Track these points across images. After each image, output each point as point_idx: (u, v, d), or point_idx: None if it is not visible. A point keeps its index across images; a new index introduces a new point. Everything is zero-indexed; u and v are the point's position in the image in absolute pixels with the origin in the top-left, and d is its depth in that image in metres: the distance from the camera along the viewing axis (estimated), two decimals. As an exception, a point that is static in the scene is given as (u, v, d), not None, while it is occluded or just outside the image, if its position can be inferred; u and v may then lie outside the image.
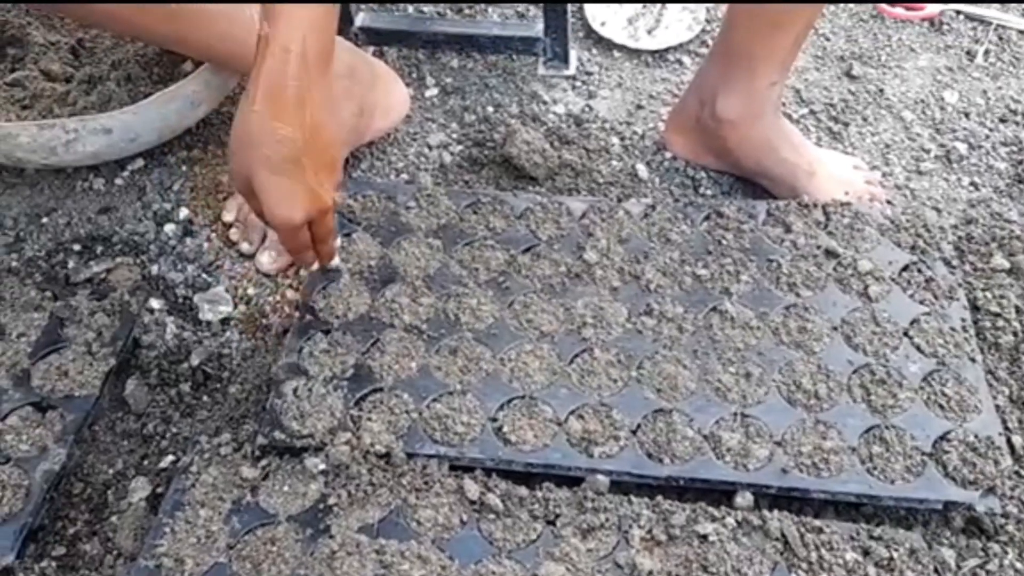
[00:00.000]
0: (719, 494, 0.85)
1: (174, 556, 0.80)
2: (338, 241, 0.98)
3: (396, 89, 1.21)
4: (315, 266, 0.96)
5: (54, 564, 0.86)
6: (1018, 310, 0.98)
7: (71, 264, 1.09)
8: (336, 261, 0.99)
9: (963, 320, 0.94)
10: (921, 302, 0.96)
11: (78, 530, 0.89)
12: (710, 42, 1.33)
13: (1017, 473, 0.88)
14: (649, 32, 1.34)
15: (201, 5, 1.01)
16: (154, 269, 1.08)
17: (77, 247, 1.11)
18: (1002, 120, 1.22)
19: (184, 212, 1.14)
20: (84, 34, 1.27)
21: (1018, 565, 0.82)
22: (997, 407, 0.92)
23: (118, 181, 1.18)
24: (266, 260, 1.08)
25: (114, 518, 0.89)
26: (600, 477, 0.84)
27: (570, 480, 0.85)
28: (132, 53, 1.19)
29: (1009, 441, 0.90)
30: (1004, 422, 0.91)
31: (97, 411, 0.94)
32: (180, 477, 0.86)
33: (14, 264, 1.09)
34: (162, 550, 0.81)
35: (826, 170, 1.11)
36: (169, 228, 1.12)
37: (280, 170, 0.81)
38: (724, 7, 1.13)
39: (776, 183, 1.11)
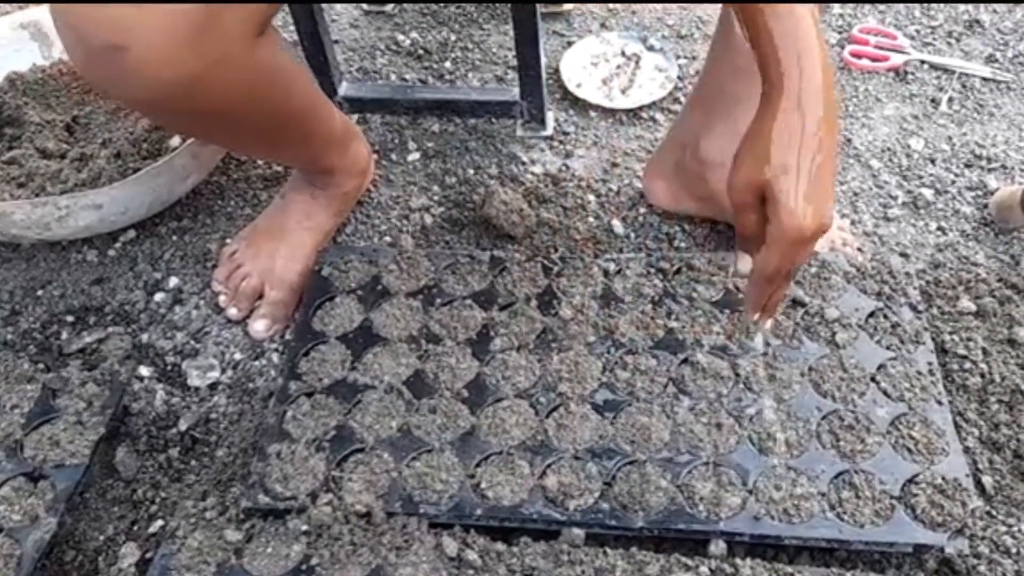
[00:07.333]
0: (694, 543, 0.87)
1: (160, 621, 0.82)
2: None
3: (369, 156, 1.26)
4: (761, 325, 0.91)
5: (45, 632, 0.88)
6: (985, 352, 1.01)
7: (64, 335, 1.12)
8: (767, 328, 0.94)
9: (929, 364, 0.96)
10: (888, 347, 0.98)
11: (69, 598, 0.91)
12: (683, 99, 1.37)
13: (988, 514, 0.90)
14: (623, 92, 1.39)
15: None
16: (144, 337, 1.12)
17: (70, 318, 1.15)
18: (967, 165, 1.25)
19: (174, 281, 1.17)
20: (79, 111, 1.32)
21: (990, 606, 0.83)
22: (967, 448, 0.93)
23: (111, 252, 1.22)
24: (261, 327, 1.11)
25: (104, 584, 0.91)
26: (576, 530, 0.86)
27: (547, 534, 0.87)
28: (122, 131, 1.24)
29: (979, 482, 0.92)
30: (975, 463, 0.93)
31: (88, 479, 0.97)
32: (167, 542, 0.88)
33: (9, 337, 1.13)
34: (149, 615, 0.83)
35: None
36: (159, 297, 1.16)
37: (810, 176, 0.76)
38: (705, 55, 1.17)
39: None
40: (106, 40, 0.73)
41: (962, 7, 1.49)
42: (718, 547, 0.85)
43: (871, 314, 1.01)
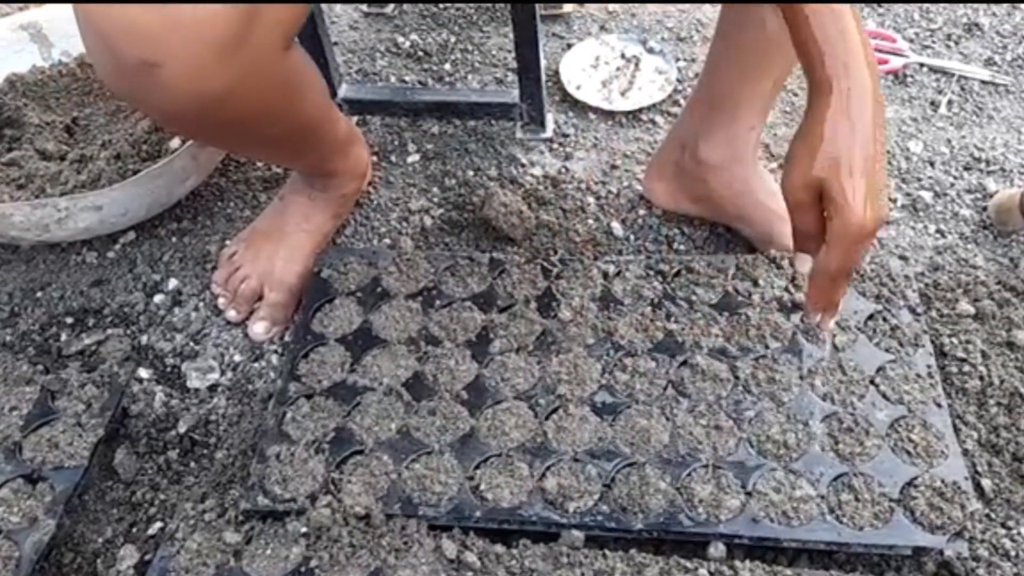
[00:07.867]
0: (693, 545, 0.87)
1: (159, 623, 0.82)
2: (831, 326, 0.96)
3: (368, 159, 1.26)
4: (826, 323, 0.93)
5: (44, 634, 0.88)
6: (984, 355, 1.01)
7: (63, 337, 1.12)
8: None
9: (928, 366, 0.96)
10: (887, 350, 0.98)
11: (68, 600, 0.91)
12: (682, 102, 1.37)
13: (988, 516, 0.90)
14: (623, 94, 1.39)
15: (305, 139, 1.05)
16: (143, 339, 1.12)
17: (70, 320, 1.15)
18: (966, 168, 1.25)
19: (173, 283, 1.17)
20: (78, 113, 1.32)
21: (989, 608, 0.84)
22: (966, 451, 0.93)
23: (110, 254, 1.22)
24: (261, 329, 1.11)
25: (103, 586, 0.91)
26: (575, 532, 0.86)
27: (546, 536, 0.87)
28: (122, 133, 1.24)
29: (979, 484, 0.92)
30: (974, 466, 0.93)
31: (87, 481, 0.97)
32: (165, 544, 0.88)
33: (8, 339, 1.13)
34: (148, 617, 0.83)
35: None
36: (158, 299, 1.16)
37: (866, 172, 0.77)
38: (704, 57, 1.17)
39: (754, 227, 1.14)
40: (139, 56, 0.72)
41: (961, 10, 1.49)
42: (717, 549, 0.85)
43: (870, 317, 1.01)
